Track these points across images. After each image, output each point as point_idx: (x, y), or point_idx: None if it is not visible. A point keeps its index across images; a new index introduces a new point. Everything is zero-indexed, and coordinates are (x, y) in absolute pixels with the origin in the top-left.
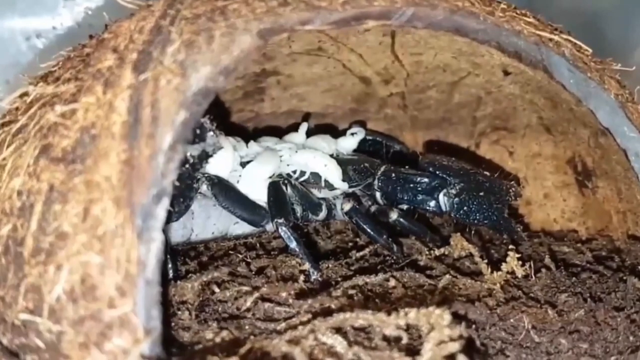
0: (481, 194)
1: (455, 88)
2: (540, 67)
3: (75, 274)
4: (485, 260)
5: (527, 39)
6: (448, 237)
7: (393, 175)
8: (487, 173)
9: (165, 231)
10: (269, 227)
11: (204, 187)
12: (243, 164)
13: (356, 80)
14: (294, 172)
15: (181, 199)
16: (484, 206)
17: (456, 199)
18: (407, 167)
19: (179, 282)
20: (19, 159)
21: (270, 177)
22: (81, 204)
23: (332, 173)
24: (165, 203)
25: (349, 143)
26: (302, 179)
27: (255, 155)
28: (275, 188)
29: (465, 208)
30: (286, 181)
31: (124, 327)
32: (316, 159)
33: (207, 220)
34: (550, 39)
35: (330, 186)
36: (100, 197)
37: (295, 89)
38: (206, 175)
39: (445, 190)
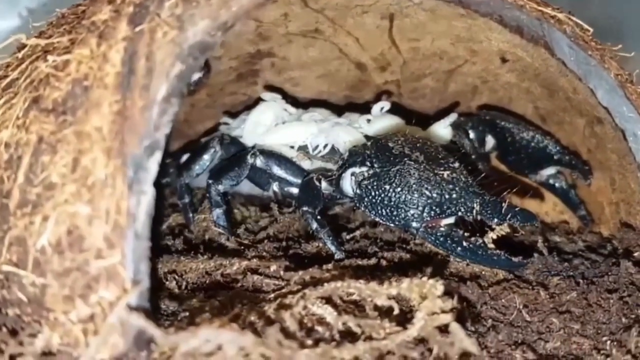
0: (401, 190)
1: (451, 76)
2: (541, 43)
3: (62, 225)
4: None
5: (529, 14)
6: None
7: None
8: (466, 180)
9: (158, 187)
10: None
11: (258, 161)
12: None
13: (352, 66)
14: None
15: (236, 174)
16: (398, 206)
17: (361, 184)
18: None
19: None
20: (8, 111)
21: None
22: (70, 154)
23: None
24: (157, 157)
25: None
26: (324, 152)
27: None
28: (308, 183)
29: (367, 197)
30: (320, 176)
31: (110, 279)
32: (341, 136)
33: None
34: (553, 16)
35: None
36: (90, 148)
37: (290, 72)
38: (259, 149)
39: (353, 170)
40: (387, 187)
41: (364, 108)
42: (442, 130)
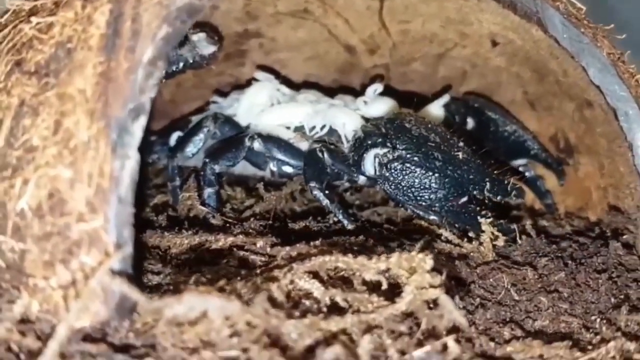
0: (430, 173)
1: (440, 61)
2: (534, 19)
3: (42, 189)
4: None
5: None
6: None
7: None
8: (475, 160)
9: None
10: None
11: (256, 145)
12: None
13: (341, 48)
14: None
15: (233, 155)
16: (425, 188)
17: (388, 166)
18: None
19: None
20: None
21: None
22: (52, 116)
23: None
24: (142, 121)
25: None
26: (321, 133)
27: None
28: (312, 155)
29: (393, 179)
30: (323, 148)
31: (92, 244)
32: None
33: None
34: None
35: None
36: (73, 110)
37: (278, 54)
38: (257, 133)
39: (376, 151)
40: (417, 169)
41: (351, 92)
42: (436, 111)
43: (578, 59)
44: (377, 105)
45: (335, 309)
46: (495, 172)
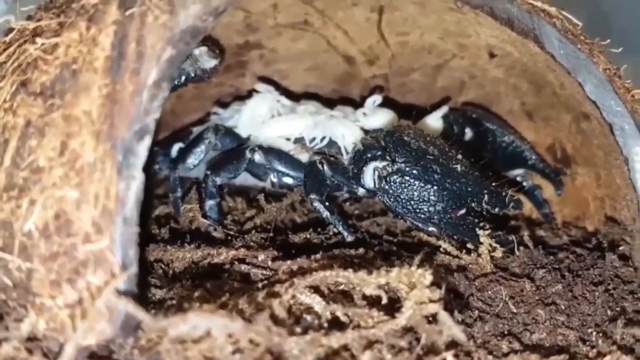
0: (429, 186)
1: (439, 71)
2: (531, 36)
3: (49, 209)
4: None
5: (520, 7)
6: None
7: None
8: (473, 172)
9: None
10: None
11: (257, 157)
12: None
13: (340, 59)
14: (321, 138)
15: (234, 167)
16: (424, 201)
17: (387, 179)
18: None
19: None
20: None
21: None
22: (58, 137)
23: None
24: (147, 142)
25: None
26: (321, 145)
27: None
28: (312, 167)
29: (392, 192)
30: (323, 160)
31: (98, 264)
32: (337, 128)
33: None
34: (543, 10)
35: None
36: (79, 131)
37: (278, 65)
38: (258, 145)
39: (375, 164)
40: (415, 182)
41: (350, 102)
42: (435, 122)
43: (574, 75)
44: (376, 116)
45: (336, 324)
46: (493, 183)
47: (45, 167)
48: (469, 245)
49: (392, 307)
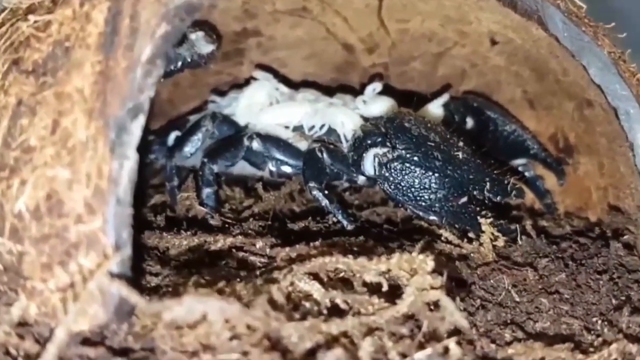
0: (430, 173)
1: (440, 60)
2: (534, 18)
3: (40, 190)
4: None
5: None
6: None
7: None
8: (475, 159)
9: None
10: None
11: (255, 144)
12: None
13: (339, 47)
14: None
15: (232, 155)
16: (425, 188)
17: (387, 165)
18: None
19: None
20: None
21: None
22: (50, 116)
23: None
24: (141, 120)
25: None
26: (320, 133)
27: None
28: (311, 155)
29: (393, 179)
30: (323, 148)
31: (91, 246)
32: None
33: None
34: None
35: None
36: (71, 109)
37: (276, 53)
38: (256, 132)
39: (375, 150)
40: (416, 169)
41: (350, 91)
42: (436, 110)
43: (579, 58)
44: (376, 104)
45: (335, 311)
46: (495, 172)
47: (36, 146)
48: (471, 235)
49: (393, 294)
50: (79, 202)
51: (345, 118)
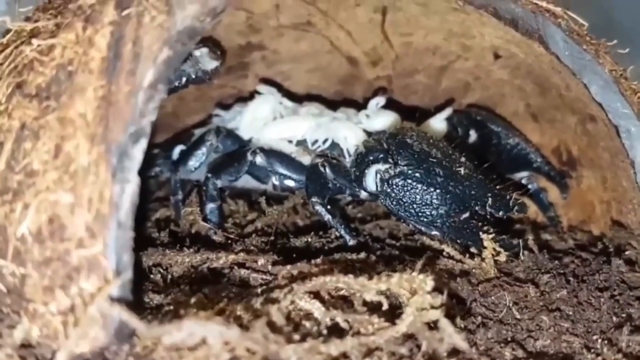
0: (432, 189)
1: (443, 73)
2: (535, 36)
3: (43, 213)
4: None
5: (524, 7)
6: None
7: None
8: (476, 175)
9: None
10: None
11: (258, 159)
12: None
13: (343, 60)
14: (324, 140)
15: (235, 170)
16: (426, 204)
17: (389, 182)
18: None
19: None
20: None
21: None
22: (53, 140)
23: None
24: (142, 144)
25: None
26: (323, 147)
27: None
28: (314, 170)
29: (395, 195)
30: (325, 163)
31: (92, 269)
32: (340, 131)
33: None
34: (548, 10)
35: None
36: (73, 134)
37: (280, 66)
38: (260, 147)
39: (377, 167)
40: (418, 185)
41: (354, 104)
42: (439, 124)
43: (580, 76)
44: (379, 118)
45: (335, 330)
46: (497, 187)
47: (39, 170)
48: (473, 250)
49: (393, 313)
50: (81, 226)
51: (348, 133)
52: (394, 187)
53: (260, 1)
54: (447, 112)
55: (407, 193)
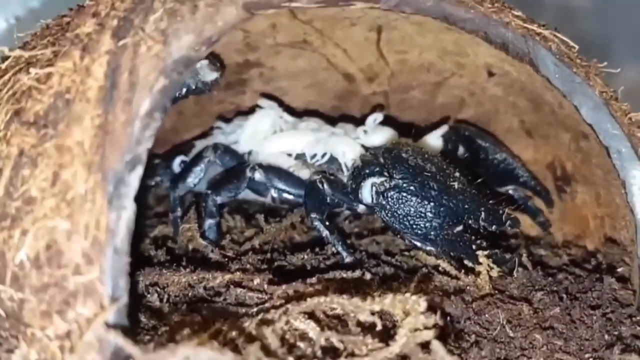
0: (426, 202)
1: (438, 89)
2: (526, 60)
3: (40, 240)
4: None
5: (514, 31)
6: None
7: None
8: (470, 189)
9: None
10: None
11: (257, 175)
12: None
13: (340, 76)
14: (322, 154)
15: (235, 186)
16: (421, 217)
17: (384, 194)
18: None
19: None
20: None
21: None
22: (51, 168)
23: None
24: (138, 171)
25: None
26: (322, 161)
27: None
28: (312, 186)
29: (390, 208)
30: (323, 179)
31: (88, 295)
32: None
33: None
34: (538, 33)
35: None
36: (71, 162)
37: (278, 82)
38: (258, 163)
39: (373, 180)
40: (412, 198)
41: (351, 119)
42: (435, 141)
43: (570, 99)
44: (377, 134)
45: (330, 351)
46: (490, 201)
47: (37, 197)
48: (467, 263)
49: (388, 333)
50: (78, 252)
51: (346, 147)
52: (389, 199)
53: (256, 21)
54: (443, 129)
55: (402, 205)
